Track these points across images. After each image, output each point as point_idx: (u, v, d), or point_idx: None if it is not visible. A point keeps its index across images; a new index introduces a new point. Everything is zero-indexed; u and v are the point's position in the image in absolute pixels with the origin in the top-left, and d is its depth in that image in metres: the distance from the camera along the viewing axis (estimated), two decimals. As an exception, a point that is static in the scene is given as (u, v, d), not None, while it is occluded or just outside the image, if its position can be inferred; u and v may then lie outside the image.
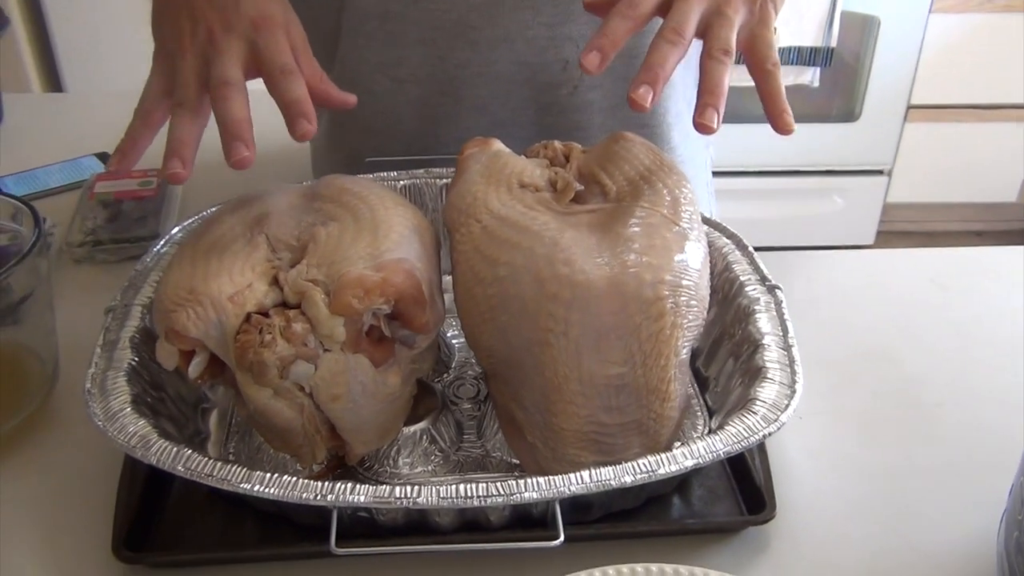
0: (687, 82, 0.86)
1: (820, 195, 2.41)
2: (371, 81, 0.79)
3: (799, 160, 2.35)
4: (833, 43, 2.14)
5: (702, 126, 0.55)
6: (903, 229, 2.54)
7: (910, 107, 2.30)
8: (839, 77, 2.26)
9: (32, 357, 0.66)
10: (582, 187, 0.60)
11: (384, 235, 0.56)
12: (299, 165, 0.96)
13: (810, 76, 2.18)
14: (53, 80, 2.02)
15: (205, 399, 0.66)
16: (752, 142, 2.28)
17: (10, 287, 0.61)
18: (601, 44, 0.56)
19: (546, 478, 0.51)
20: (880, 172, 2.39)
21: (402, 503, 0.50)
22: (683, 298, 0.54)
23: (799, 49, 2.13)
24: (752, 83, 0.60)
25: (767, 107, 0.57)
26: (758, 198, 2.37)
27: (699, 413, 0.65)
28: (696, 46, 0.82)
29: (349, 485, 0.50)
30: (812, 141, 2.32)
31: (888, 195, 2.42)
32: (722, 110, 0.57)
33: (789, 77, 2.17)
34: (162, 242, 0.69)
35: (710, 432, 0.56)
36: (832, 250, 0.89)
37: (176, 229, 0.70)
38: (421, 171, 0.76)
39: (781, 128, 0.57)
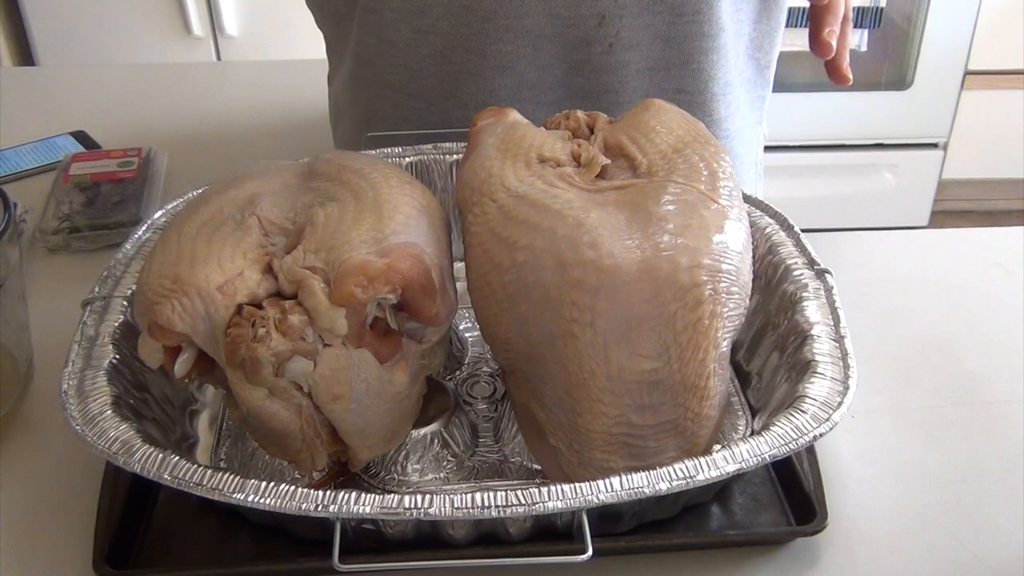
0: (739, 52, 0.85)
1: (868, 171, 2.40)
2: (392, 30, 0.80)
3: (845, 132, 2.34)
4: (883, 2, 2.12)
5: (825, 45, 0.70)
6: (960, 208, 2.53)
7: (967, 73, 2.28)
8: (889, 40, 2.24)
9: (3, 355, 0.66)
10: (609, 161, 0.60)
11: (389, 216, 0.55)
12: (319, 130, 0.96)
13: (857, 39, 2.17)
14: (24, 53, 2.03)
15: (193, 400, 0.66)
16: (793, 113, 2.27)
17: (-22, 278, 0.61)
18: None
19: (571, 486, 0.50)
20: (935, 145, 2.38)
21: (412, 514, 0.50)
22: (723, 284, 0.54)
23: (844, 10, 2.11)
24: (794, 48, 0.61)
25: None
26: (799, 175, 2.36)
27: (740, 412, 0.65)
28: (739, 26, 0.82)
29: (353, 495, 0.50)
30: (860, 112, 2.30)
31: (943, 171, 2.41)
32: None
33: (833, 41, 2.15)
34: (144, 228, 0.69)
35: (753, 433, 0.56)
36: (883, 231, 0.88)
37: (159, 213, 0.70)
38: (429, 146, 0.76)
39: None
